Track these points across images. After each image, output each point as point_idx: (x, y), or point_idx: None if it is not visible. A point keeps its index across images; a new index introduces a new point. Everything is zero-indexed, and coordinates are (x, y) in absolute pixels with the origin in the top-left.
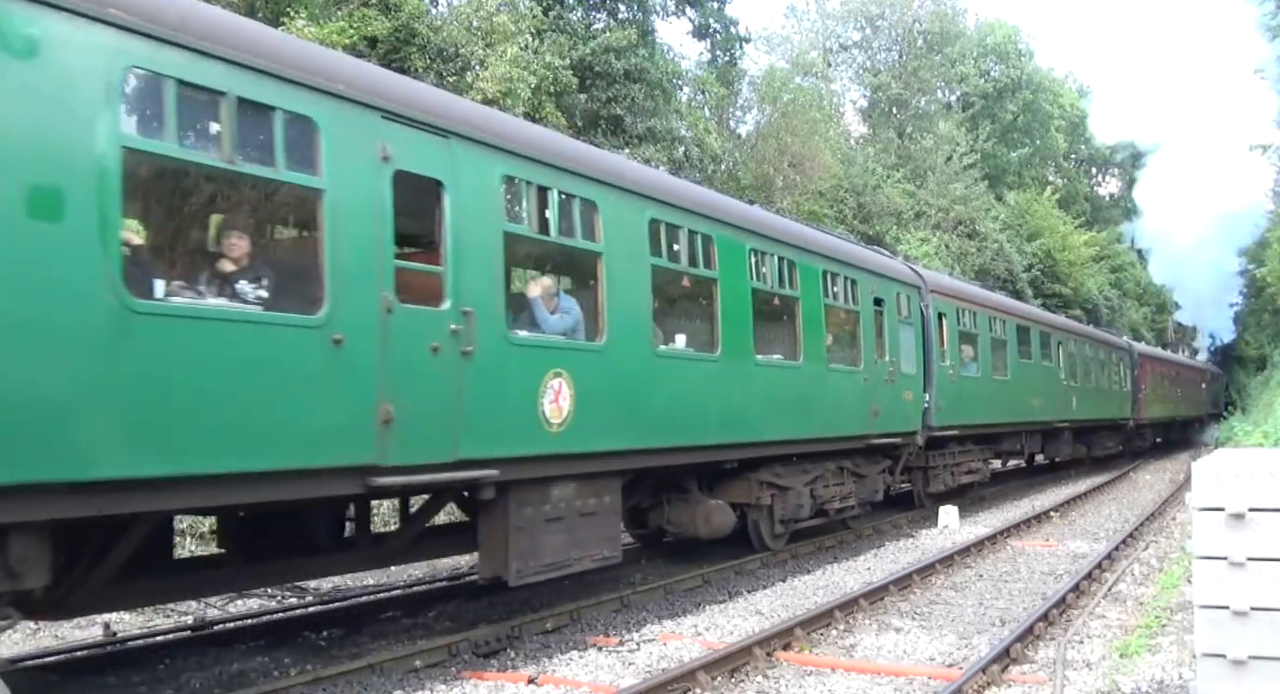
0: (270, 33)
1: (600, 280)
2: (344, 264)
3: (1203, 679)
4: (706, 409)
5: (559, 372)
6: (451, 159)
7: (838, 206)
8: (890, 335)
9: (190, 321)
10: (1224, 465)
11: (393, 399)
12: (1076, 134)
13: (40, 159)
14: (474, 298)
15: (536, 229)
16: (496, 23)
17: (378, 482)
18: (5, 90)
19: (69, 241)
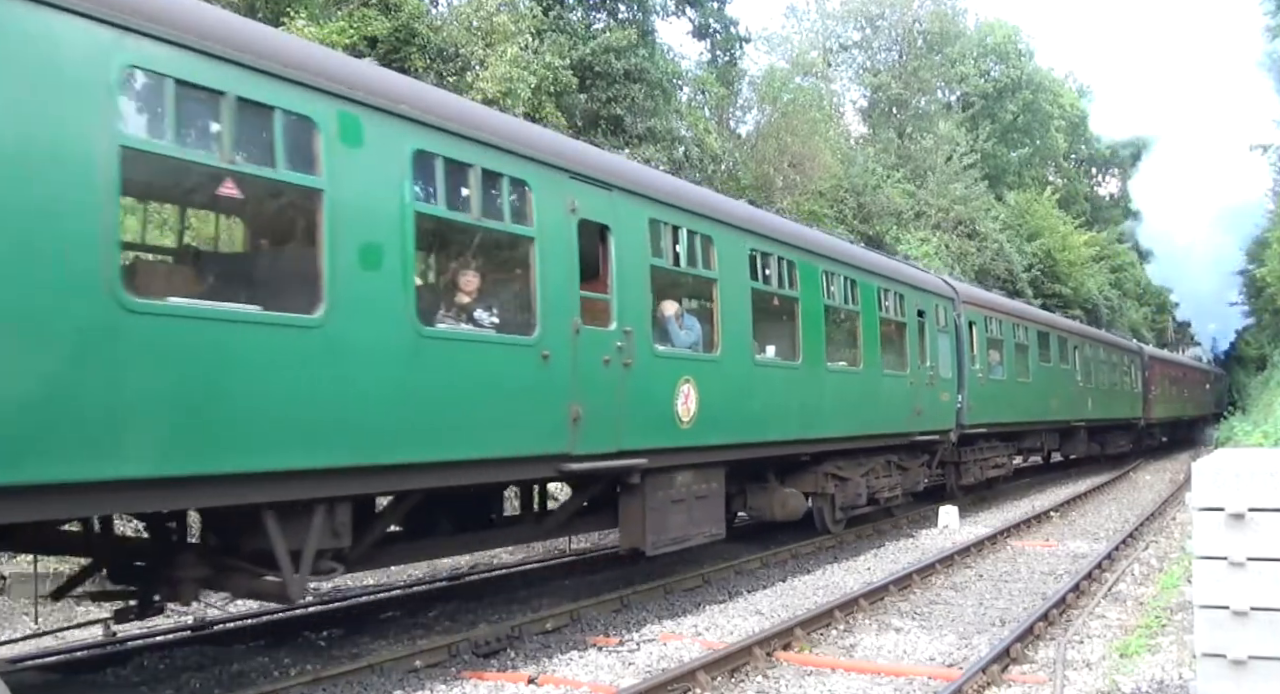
0: (501, 117)
1: (715, 302)
2: (549, 295)
3: (1203, 679)
4: (789, 409)
5: (688, 378)
6: (614, 208)
7: (838, 206)
8: (930, 343)
9: (456, 342)
10: (1224, 465)
11: (580, 401)
12: (1076, 134)
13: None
14: (632, 319)
15: (672, 262)
16: (496, 23)
17: (568, 467)
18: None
19: (391, 285)
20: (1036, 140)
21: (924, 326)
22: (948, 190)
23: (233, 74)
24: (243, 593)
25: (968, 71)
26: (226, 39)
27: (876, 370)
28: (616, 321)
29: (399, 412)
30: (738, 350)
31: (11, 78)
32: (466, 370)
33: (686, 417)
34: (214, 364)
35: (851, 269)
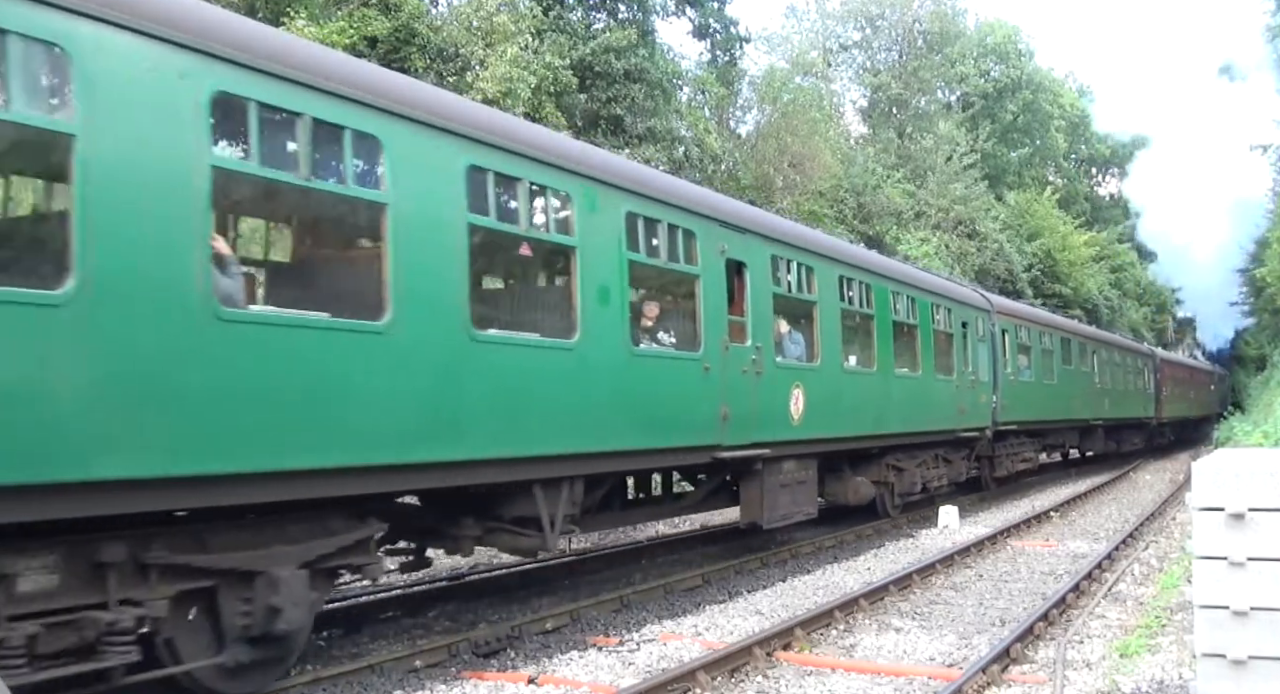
0: (682, 183)
1: (815, 321)
2: (708, 320)
3: (1203, 679)
4: (866, 409)
5: (798, 384)
6: (748, 248)
7: (838, 206)
8: (972, 350)
9: (652, 359)
10: (1224, 465)
11: (728, 403)
12: (1076, 134)
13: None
14: (760, 337)
15: (785, 289)
16: (496, 23)
17: (719, 454)
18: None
19: (615, 316)
20: (1036, 140)
21: (966, 336)
22: (948, 190)
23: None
24: (506, 548)
25: (968, 71)
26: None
27: (930, 375)
28: (751, 339)
29: (618, 410)
30: (832, 360)
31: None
32: (660, 379)
33: (796, 415)
34: (526, 380)
35: (912, 288)
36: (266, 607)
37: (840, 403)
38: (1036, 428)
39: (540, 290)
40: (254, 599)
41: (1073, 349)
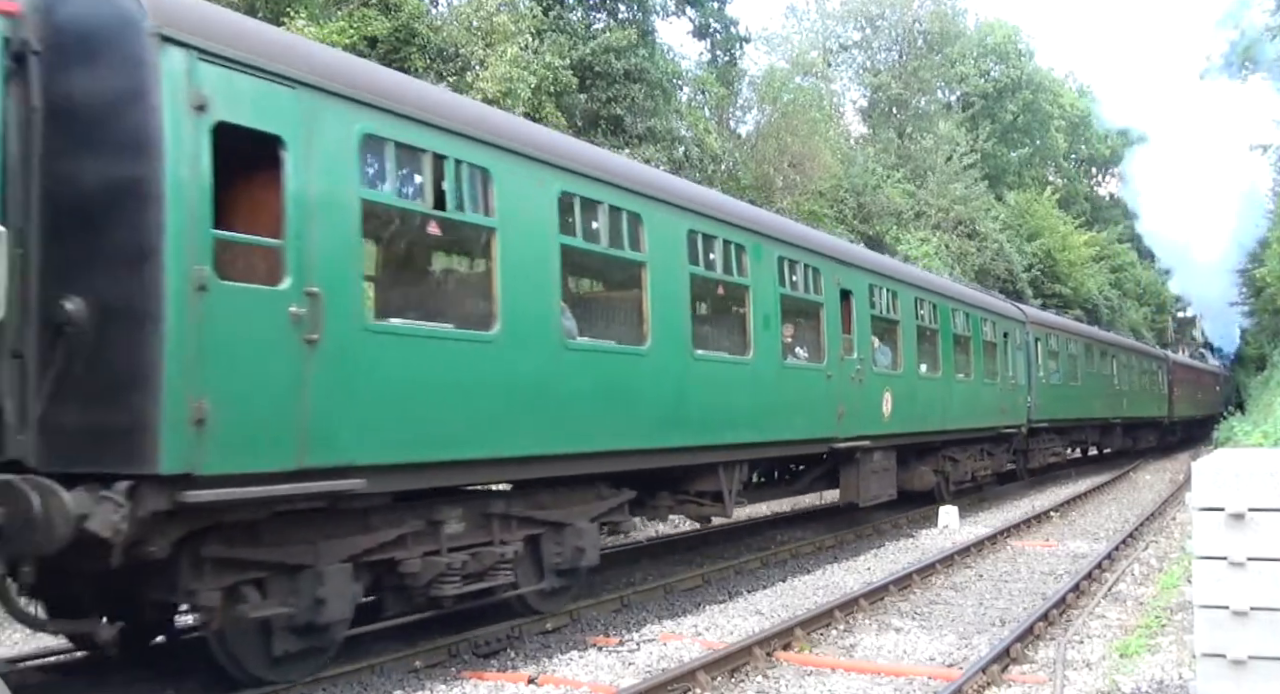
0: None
1: (899, 335)
2: (830, 338)
3: (1203, 679)
4: (934, 409)
5: (888, 388)
6: (853, 279)
7: (838, 206)
8: (1011, 357)
9: (794, 370)
10: (1224, 465)
11: (843, 404)
12: (1076, 134)
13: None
14: (863, 351)
15: (879, 311)
16: (496, 23)
17: (835, 446)
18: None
19: (773, 338)
20: (1036, 140)
21: (1007, 345)
22: (948, 190)
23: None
24: (693, 515)
25: (968, 71)
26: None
27: (980, 379)
28: (856, 352)
29: (774, 409)
30: (910, 368)
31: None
32: (800, 385)
33: (887, 414)
34: (723, 385)
35: (967, 306)
36: (574, 547)
37: (916, 404)
38: (1065, 426)
39: (728, 318)
40: (563, 543)
41: (1094, 354)
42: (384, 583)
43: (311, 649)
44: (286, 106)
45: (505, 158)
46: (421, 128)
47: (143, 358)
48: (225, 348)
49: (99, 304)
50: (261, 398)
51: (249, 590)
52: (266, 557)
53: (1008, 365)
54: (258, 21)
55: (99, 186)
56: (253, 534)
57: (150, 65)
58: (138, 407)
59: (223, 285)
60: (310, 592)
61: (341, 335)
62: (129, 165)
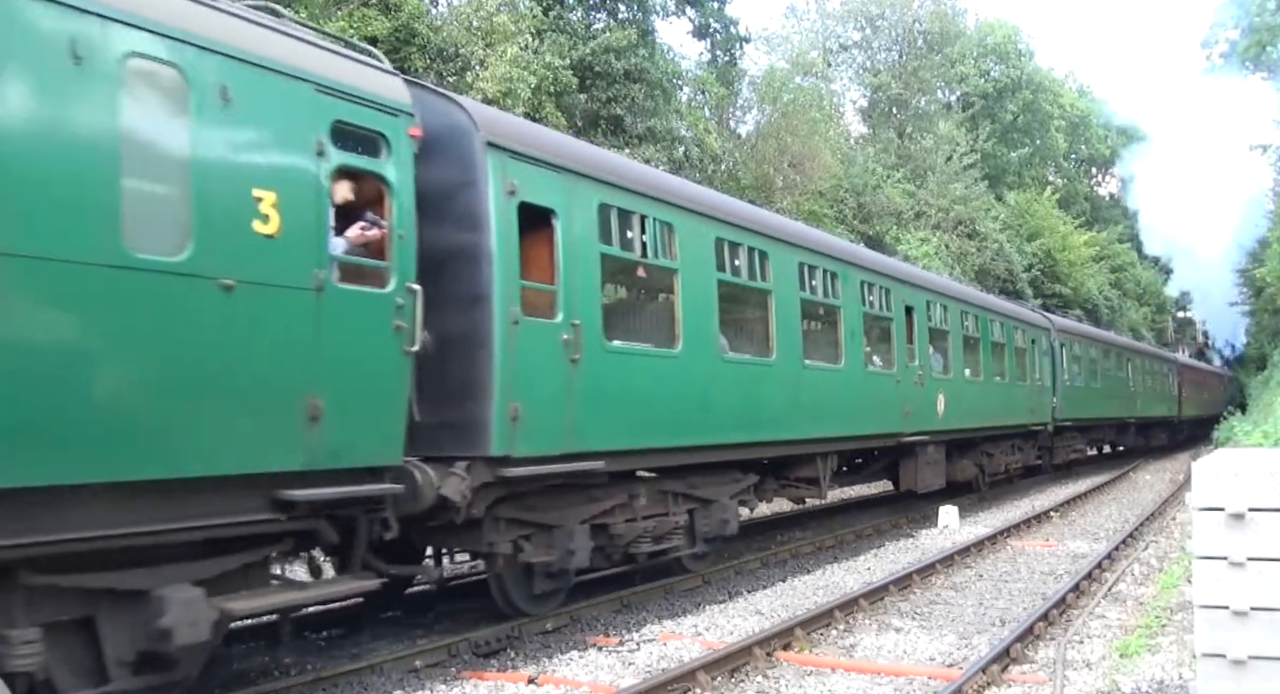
0: (882, 258)
1: (949, 344)
2: (898, 347)
3: (1203, 679)
4: (975, 407)
5: (941, 390)
6: (915, 297)
7: (838, 206)
8: (1040, 362)
9: (873, 376)
10: (1224, 465)
11: (909, 405)
12: (1076, 134)
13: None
14: (922, 357)
15: (935, 323)
16: (496, 23)
17: (901, 439)
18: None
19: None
20: (1036, 140)
21: (1035, 351)
22: (948, 190)
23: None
24: (793, 497)
25: (968, 71)
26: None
27: (1013, 382)
28: (917, 359)
29: (859, 408)
30: (959, 372)
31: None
32: (878, 389)
33: (940, 412)
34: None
35: (1003, 316)
36: (720, 519)
37: (962, 404)
38: (1085, 424)
39: (826, 333)
40: (711, 516)
41: (1112, 358)
42: (599, 541)
43: (556, 589)
44: (556, 187)
45: (682, 214)
46: (632, 196)
47: (479, 373)
48: (528, 365)
49: (443, 335)
50: (548, 401)
51: (525, 543)
52: (537, 519)
53: (1035, 369)
54: (539, 126)
55: (446, 249)
56: (528, 502)
57: (480, 163)
58: (477, 408)
59: (526, 321)
60: (563, 545)
61: (591, 355)
62: (467, 235)
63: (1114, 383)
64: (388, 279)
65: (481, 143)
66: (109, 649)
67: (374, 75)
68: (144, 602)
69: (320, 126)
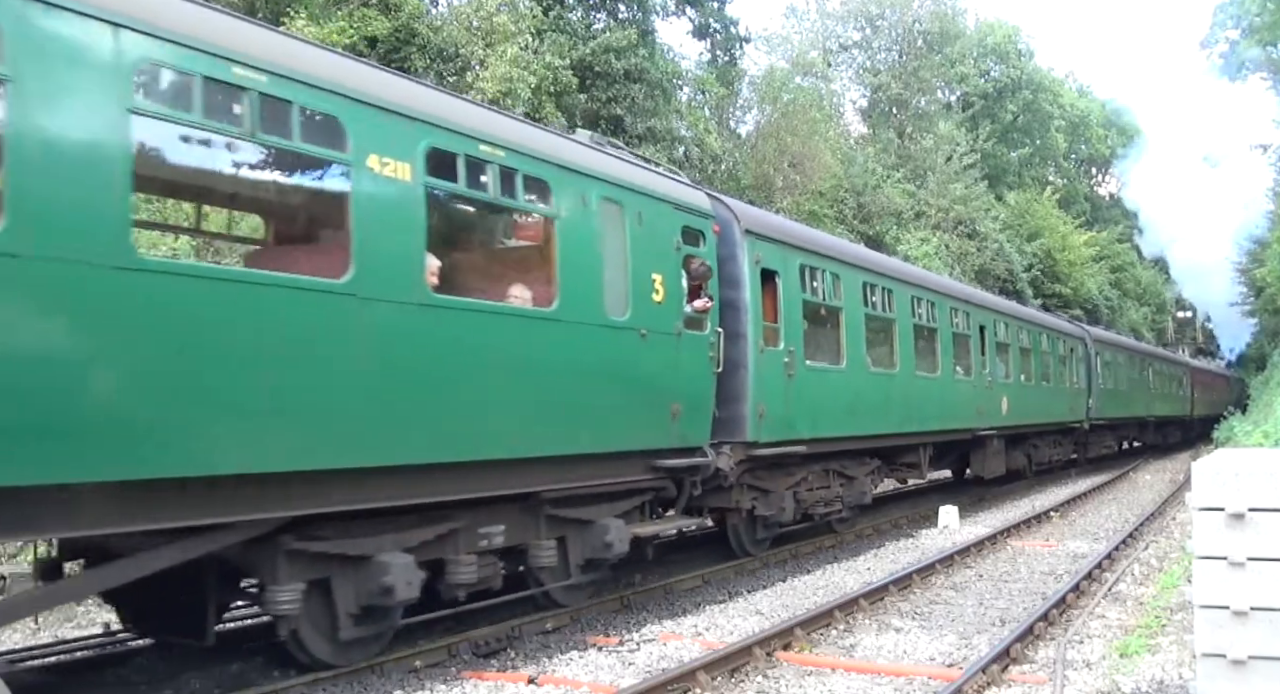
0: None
1: (1010, 353)
2: (974, 357)
3: (1203, 679)
4: (1029, 406)
5: (1004, 392)
6: (986, 317)
7: (838, 206)
8: (1077, 367)
9: (959, 382)
10: (1224, 465)
11: (981, 405)
12: (1076, 134)
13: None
14: (991, 367)
15: (1000, 338)
16: (496, 23)
17: (976, 433)
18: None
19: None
20: (1036, 140)
21: (1073, 357)
22: (948, 190)
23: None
24: (899, 477)
25: (968, 71)
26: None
27: (1057, 385)
28: (989, 368)
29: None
30: (1016, 378)
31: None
32: (959, 393)
33: (1005, 411)
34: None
35: (1050, 330)
36: (859, 492)
37: (1020, 403)
38: (1115, 423)
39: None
40: (853, 490)
41: (1136, 363)
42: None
43: (766, 537)
44: (778, 256)
45: (845, 268)
46: (818, 258)
47: (741, 386)
48: (766, 380)
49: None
50: (777, 404)
51: (756, 502)
52: (764, 486)
53: (1073, 374)
54: (769, 213)
55: (723, 301)
56: (758, 474)
57: (740, 243)
58: (739, 408)
59: (766, 349)
60: (776, 504)
61: (799, 372)
62: (734, 292)
63: (1138, 385)
64: (706, 325)
65: (741, 230)
66: (576, 556)
67: (696, 193)
68: (594, 527)
69: (676, 231)
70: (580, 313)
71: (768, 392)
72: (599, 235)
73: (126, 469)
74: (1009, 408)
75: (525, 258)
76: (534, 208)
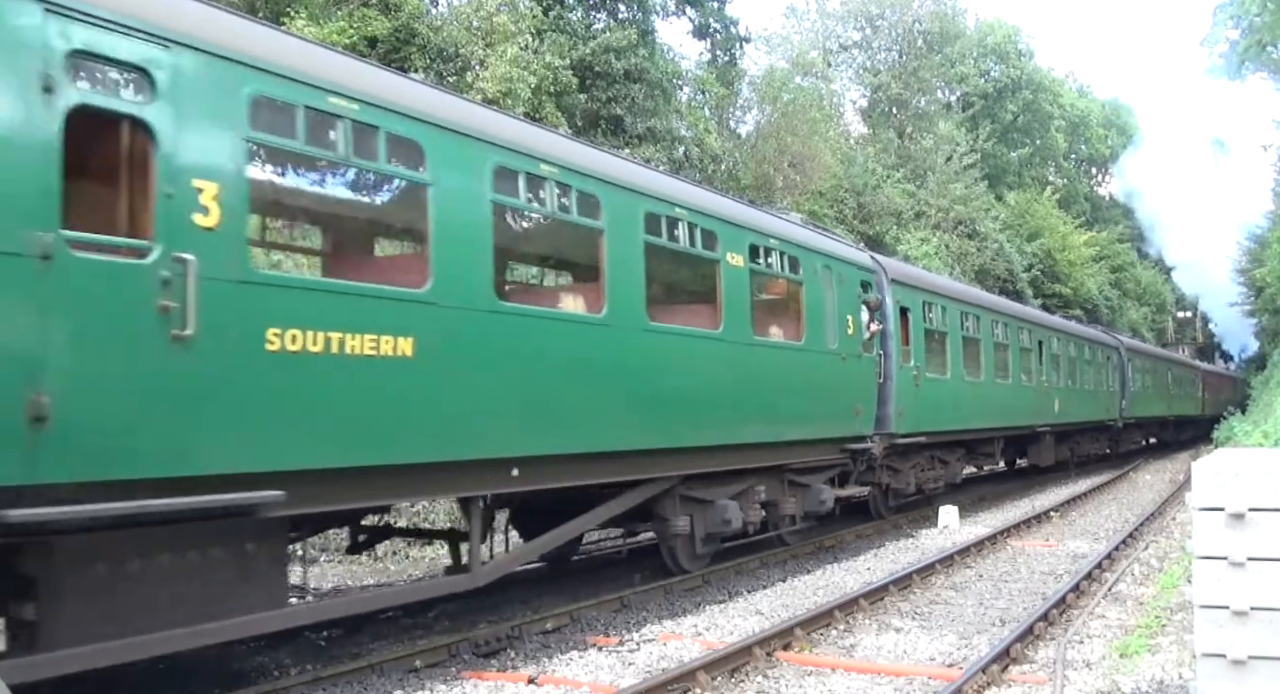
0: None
1: (1060, 363)
2: (1034, 368)
3: (1203, 679)
4: (1074, 406)
5: (1056, 395)
6: (1044, 334)
7: (838, 206)
8: (1113, 373)
9: (1023, 388)
10: (1224, 465)
11: (1039, 406)
12: (1076, 134)
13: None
14: (1047, 374)
15: (1052, 351)
16: (496, 23)
17: (1037, 429)
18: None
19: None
20: (1036, 140)
21: (1110, 365)
22: (948, 190)
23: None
24: (978, 464)
25: (968, 71)
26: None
27: (1097, 388)
28: (1046, 375)
29: (1013, 411)
30: (1066, 383)
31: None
32: (1025, 396)
33: (1056, 411)
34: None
35: (1090, 342)
36: (953, 473)
37: (1068, 404)
38: (1142, 421)
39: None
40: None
41: (1160, 368)
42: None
43: (902, 505)
44: (910, 296)
45: (950, 300)
46: (934, 295)
47: (890, 392)
48: (903, 388)
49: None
50: (909, 405)
51: (891, 480)
52: (894, 466)
53: (1109, 379)
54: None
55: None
56: (891, 459)
57: (888, 289)
58: (887, 409)
59: (903, 366)
60: (904, 480)
61: (922, 382)
62: (884, 325)
63: (1161, 388)
64: (874, 349)
65: (888, 279)
66: (801, 509)
67: (865, 256)
68: (812, 489)
69: (858, 283)
70: (819, 345)
71: (904, 397)
72: (825, 291)
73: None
74: (1060, 408)
75: (788, 309)
76: (790, 278)
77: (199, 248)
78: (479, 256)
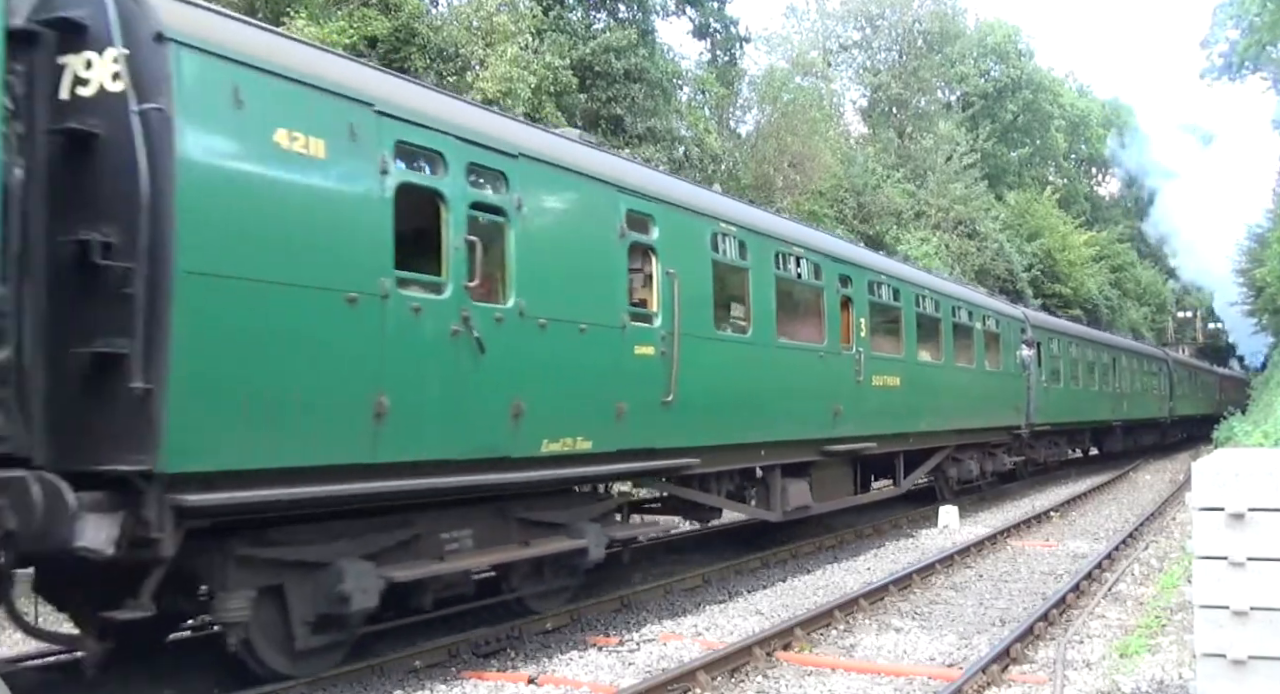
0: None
1: (1095, 370)
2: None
3: (1203, 679)
4: (1137, 406)
5: (1125, 399)
6: (1063, 340)
7: (838, 206)
8: (1163, 380)
9: (1090, 391)
10: (1224, 465)
11: (1114, 407)
12: (1076, 134)
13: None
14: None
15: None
16: (496, 23)
17: (1111, 424)
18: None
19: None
20: (1036, 140)
21: (1161, 374)
22: (948, 190)
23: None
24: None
25: (968, 71)
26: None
27: (1148, 391)
28: (1120, 382)
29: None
30: (1133, 388)
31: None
32: (1087, 400)
33: (1125, 409)
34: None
35: (1148, 357)
36: (1062, 452)
37: (1133, 405)
38: (1182, 419)
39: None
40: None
41: (1196, 375)
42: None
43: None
44: (1043, 334)
45: (1065, 336)
46: (1055, 333)
47: (1031, 398)
48: (1038, 393)
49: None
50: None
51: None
52: (1032, 444)
53: (1161, 385)
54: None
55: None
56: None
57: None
58: (1029, 408)
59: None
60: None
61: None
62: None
63: (1196, 390)
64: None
65: (1030, 326)
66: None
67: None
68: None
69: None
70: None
71: (1037, 399)
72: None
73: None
74: (1127, 408)
75: (987, 346)
76: (991, 330)
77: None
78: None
